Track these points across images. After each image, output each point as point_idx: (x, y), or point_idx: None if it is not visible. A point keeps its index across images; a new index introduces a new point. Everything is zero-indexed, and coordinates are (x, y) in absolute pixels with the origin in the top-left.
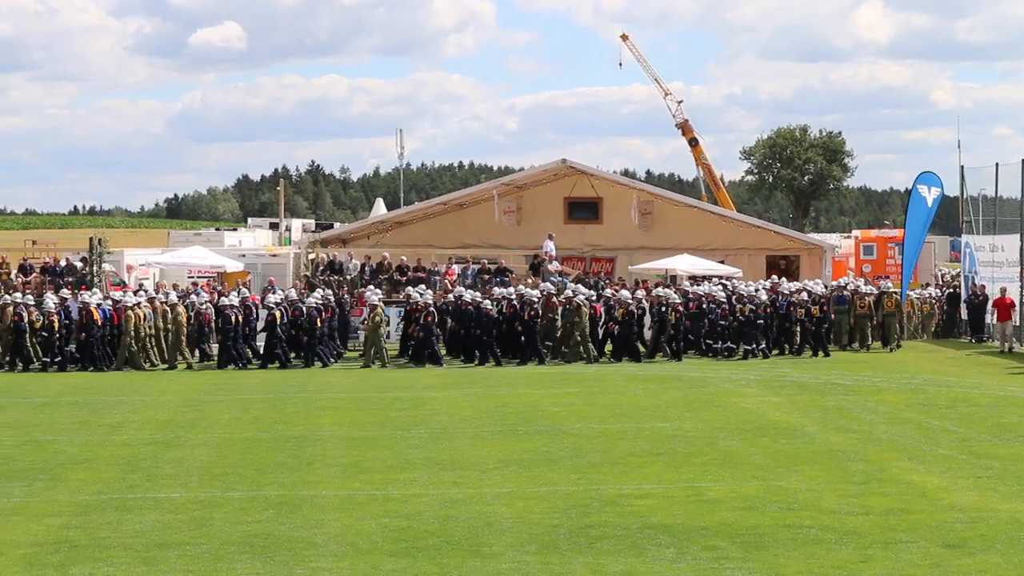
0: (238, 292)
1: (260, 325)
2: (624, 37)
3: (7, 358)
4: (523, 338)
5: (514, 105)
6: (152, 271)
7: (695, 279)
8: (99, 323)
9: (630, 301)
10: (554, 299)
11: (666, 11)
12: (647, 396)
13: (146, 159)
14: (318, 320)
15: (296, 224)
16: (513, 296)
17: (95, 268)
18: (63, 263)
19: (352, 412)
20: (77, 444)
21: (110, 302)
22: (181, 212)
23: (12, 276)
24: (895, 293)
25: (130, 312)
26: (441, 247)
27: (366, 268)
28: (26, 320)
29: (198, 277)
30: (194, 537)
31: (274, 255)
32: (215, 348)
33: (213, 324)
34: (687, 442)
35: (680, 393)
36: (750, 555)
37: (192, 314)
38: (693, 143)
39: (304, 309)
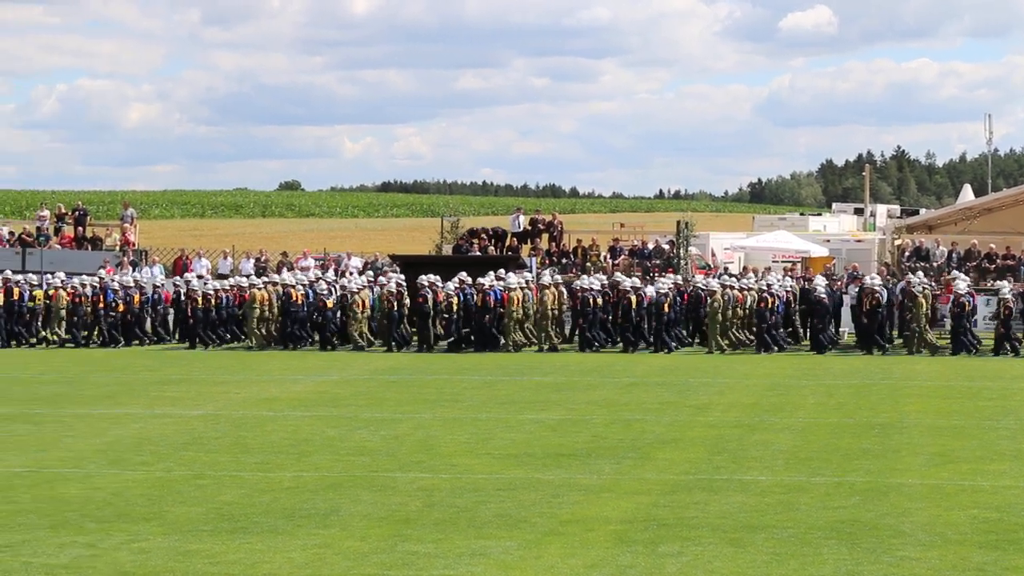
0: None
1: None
2: None
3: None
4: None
5: None
6: (737, 255)
7: None
8: (491, 304)
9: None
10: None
11: None
12: None
13: (732, 144)
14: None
15: (881, 210)
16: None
17: (681, 251)
18: (651, 246)
19: (938, 400)
20: (664, 424)
21: (500, 284)
22: (764, 196)
23: (602, 258)
24: None
25: (512, 295)
26: None
27: (953, 255)
28: (430, 302)
29: (783, 261)
30: (780, 520)
31: (859, 241)
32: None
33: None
34: None
35: None
36: None
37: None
38: None
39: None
